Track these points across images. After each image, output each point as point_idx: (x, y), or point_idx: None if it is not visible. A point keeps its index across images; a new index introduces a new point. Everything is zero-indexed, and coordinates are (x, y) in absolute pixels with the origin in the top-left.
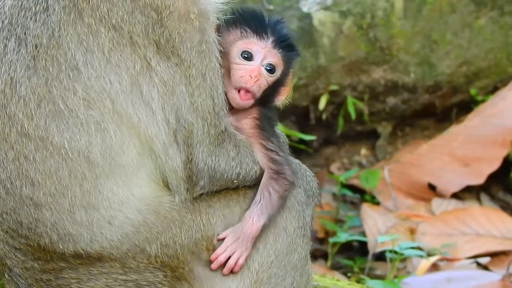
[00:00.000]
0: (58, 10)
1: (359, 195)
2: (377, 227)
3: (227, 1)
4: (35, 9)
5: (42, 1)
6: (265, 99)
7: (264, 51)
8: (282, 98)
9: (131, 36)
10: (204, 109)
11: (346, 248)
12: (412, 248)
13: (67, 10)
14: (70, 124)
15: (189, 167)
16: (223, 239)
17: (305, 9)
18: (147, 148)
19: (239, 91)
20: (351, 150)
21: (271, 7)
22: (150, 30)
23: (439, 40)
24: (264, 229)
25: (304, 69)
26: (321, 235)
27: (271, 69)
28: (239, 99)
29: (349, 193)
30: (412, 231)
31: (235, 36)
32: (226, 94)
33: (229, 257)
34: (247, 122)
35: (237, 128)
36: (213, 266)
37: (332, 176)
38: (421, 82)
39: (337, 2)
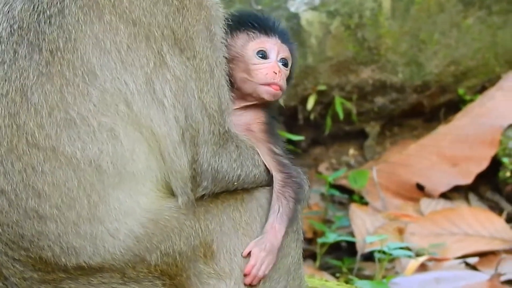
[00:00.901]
0: (75, 11)
1: (347, 195)
2: (366, 227)
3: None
4: (49, 11)
5: (58, 2)
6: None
7: (276, 47)
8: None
9: (149, 29)
10: (211, 107)
11: (335, 249)
12: (401, 248)
13: (85, 9)
14: (82, 132)
15: (194, 167)
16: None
17: (293, 9)
18: (156, 151)
19: (268, 85)
20: (340, 150)
21: (259, 7)
22: (171, 19)
23: (427, 40)
24: (285, 238)
25: None
26: (309, 235)
27: (285, 63)
28: (273, 90)
29: (337, 193)
30: (401, 231)
31: (244, 40)
32: (252, 92)
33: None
34: (257, 127)
35: (247, 132)
36: (249, 279)
37: (321, 176)
38: (409, 82)
39: (325, 2)
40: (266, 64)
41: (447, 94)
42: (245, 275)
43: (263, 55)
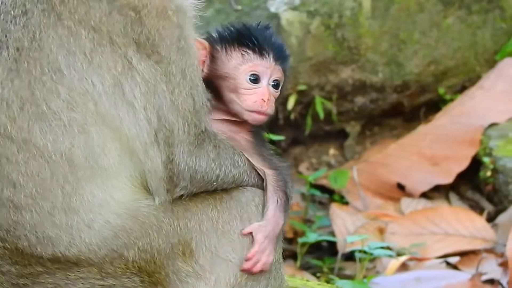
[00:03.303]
0: (37, 13)
1: (328, 195)
2: (346, 227)
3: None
4: (13, 12)
5: (21, 5)
6: None
7: (269, 70)
8: None
9: (110, 37)
10: (184, 108)
11: (315, 248)
12: (382, 248)
13: (46, 13)
14: (53, 126)
15: (170, 168)
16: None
17: (272, 9)
18: (128, 150)
19: (255, 112)
20: (320, 150)
21: (239, 7)
22: (129, 29)
23: (407, 40)
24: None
25: None
26: (290, 235)
27: (276, 84)
28: (259, 117)
29: (317, 193)
30: (381, 231)
31: (237, 61)
32: (237, 113)
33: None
34: (244, 135)
35: (233, 139)
36: (249, 264)
37: (301, 176)
38: (389, 82)
39: (305, 2)
40: (256, 90)
41: (427, 94)
42: (247, 260)
43: (255, 78)
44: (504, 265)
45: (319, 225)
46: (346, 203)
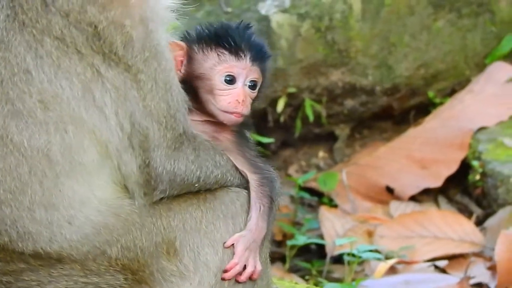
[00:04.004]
0: (2, 18)
1: (317, 198)
2: (335, 229)
3: (183, 5)
4: None
5: None
6: None
7: (245, 71)
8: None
9: (75, 47)
10: (158, 113)
11: (304, 251)
12: (370, 251)
13: (10, 19)
14: (30, 123)
15: (146, 172)
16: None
17: (263, 12)
18: (104, 153)
19: (230, 113)
20: (309, 152)
21: (229, 9)
22: (91, 42)
23: (397, 43)
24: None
25: None
26: (278, 237)
27: (253, 85)
28: (234, 118)
29: (307, 195)
30: (370, 234)
31: (213, 61)
32: (213, 114)
33: (245, 266)
34: (227, 135)
35: (216, 139)
36: (228, 275)
37: (290, 178)
38: (379, 85)
39: (295, 4)
40: (231, 91)
41: (417, 97)
42: (225, 271)
43: (231, 79)
44: (492, 269)
45: (308, 228)
46: (335, 206)
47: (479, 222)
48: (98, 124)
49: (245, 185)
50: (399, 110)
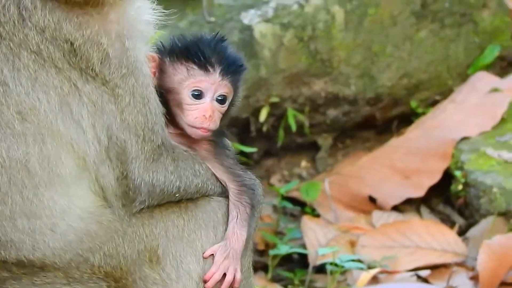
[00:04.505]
0: None
1: (299, 207)
2: (318, 239)
3: (165, 14)
4: None
5: None
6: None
7: (213, 86)
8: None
9: (52, 61)
10: (136, 126)
11: (287, 260)
12: (353, 260)
13: None
14: (8, 134)
15: (124, 183)
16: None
17: (246, 21)
18: (82, 164)
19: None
20: (292, 162)
21: (212, 19)
22: (67, 58)
23: (379, 53)
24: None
25: (244, 81)
26: (261, 247)
27: (222, 99)
28: (200, 133)
29: (289, 205)
30: (353, 244)
31: (181, 76)
32: (182, 127)
33: (224, 274)
34: (204, 145)
35: (194, 150)
36: (209, 285)
37: (273, 188)
38: (361, 94)
39: (278, 14)
40: (199, 105)
41: (399, 107)
42: (204, 281)
43: (198, 94)
44: (475, 278)
45: (290, 237)
46: (318, 216)
47: (462, 232)
48: (76, 137)
49: (227, 194)
50: (382, 120)
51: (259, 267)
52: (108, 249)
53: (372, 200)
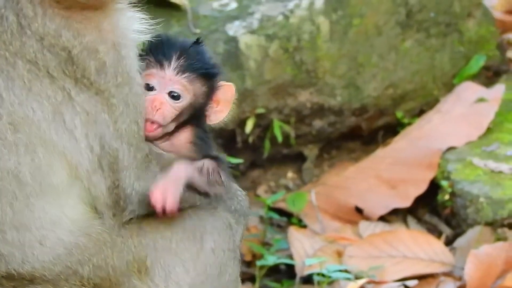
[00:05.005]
0: None
1: (286, 218)
2: (305, 250)
3: (151, 25)
4: None
5: None
6: (195, 120)
7: (164, 80)
8: (220, 118)
9: (47, 70)
10: (129, 135)
11: (274, 271)
12: (340, 271)
13: None
14: None
15: (115, 193)
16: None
17: (231, 33)
18: (73, 174)
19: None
20: (278, 173)
21: (198, 30)
22: (63, 66)
23: (365, 63)
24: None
25: None
26: (248, 258)
27: (176, 96)
28: (147, 126)
29: (276, 216)
30: (340, 254)
31: (143, 69)
32: None
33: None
34: (184, 149)
35: (172, 152)
36: (158, 207)
37: (259, 199)
38: (347, 105)
39: (263, 25)
40: (149, 97)
41: (385, 117)
42: (154, 207)
43: (150, 87)
44: None
45: (277, 248)
46: (304, 226)
47: (449, 242)
48: (68, 146)
49: (215, 205)
50: (368, 131)
51: (246, 278)
52: (97, 260)
53: (358, 210)
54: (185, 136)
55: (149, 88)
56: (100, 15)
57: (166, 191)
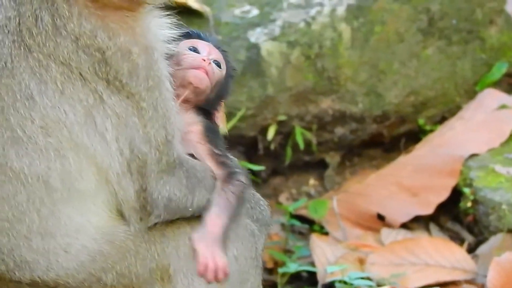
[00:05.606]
0: (8, 44)
1: (307, 225)
2: (326, 257)
3: (174, 32)
4: None
5: None
6: (209, 105)
7: (208, 47)
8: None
9: (80, 72)
10: (157, 139)
11: (295, 279)
12: (362, 278)
13: (16, 44)
14: (29, 150)
15: (143, 197)
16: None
17: (253, 40)
18: (103, 177)
19: (195, 68)
20: (300, 180)
21: (219, 37)
22: (96, 68)
23: (386, 70)
24: (228, 229)
25: (252, 100)
26: (270, 265)
27: (218, 64)
28: (200, 73)
29: (297, 223)
30: (361, 261)
31: (180, 43)
32: (182, 80)
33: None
34: (193, 132)
35: (184, 139)
36: (209, 275)
37: (281, 206)
38: (368, 112)
39: (285, 32)
40: (196, 54)
41: (406, 124)
42: (201, 275)
43: (194, 49)
44: None
45: (299, 255)
46: (326, 234)
47: (471, 250)
48: (100, 149)
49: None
50: (389, 138)
51: (268, 286)
52: (120, 268)
53: (380, 217)
54: (195, 124)
55: (194, 50)
56: (133, 17)
57: (213, 257)
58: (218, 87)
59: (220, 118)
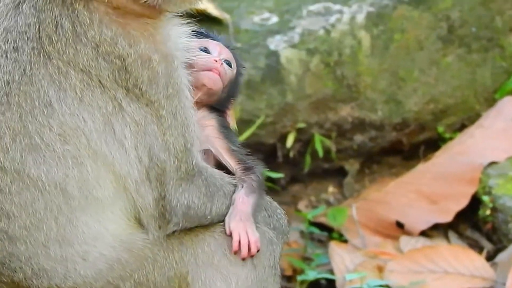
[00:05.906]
0: (27, 51)
1: (326, 233)
2: (345, 264)
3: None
4: (4, 47)
5: (11, 41)
6: (220, 104)
7: (218, 47)
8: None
9: (99, 80)
10: (176, 147)
11: (314, 286)
12: (381, 286)
13: (36, 51)
14: (47, 157)
15: (162, 204)
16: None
17: (272, 47)
18: (122, 184)
19: (208, 70)
20: (319, 187)
21: (238, 44)
22: (116, 75)
23: (406, 78)
24: (256, 208)
25: (271, 107)
26: (288, 272)
27: (229, 63)
28: (213, 74)
29: (316, 230)
30: (380, 269)
31: (192, 45)
32: (195, 82)
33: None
34: (209, 131)
35: (202, 127)
36: (243, 252)
37: (300, 213)
38: (388, 120)
39: (304, 39)
40: (207, 55)
41: (426, 132)
42: (235, 253)
43: (205, 50)
44: None
45: (318, 263)
46: (345, 241)
47: (490, 257)
48: (118, 157)
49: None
50: (409, 145)
51: None
52: (138, 276)
53: (399, 225)
54: (210, 122)
55: (205, 50)
56: (154, 24)
57: (245, 233)
58: (229, 86)
59: (230, 116)
